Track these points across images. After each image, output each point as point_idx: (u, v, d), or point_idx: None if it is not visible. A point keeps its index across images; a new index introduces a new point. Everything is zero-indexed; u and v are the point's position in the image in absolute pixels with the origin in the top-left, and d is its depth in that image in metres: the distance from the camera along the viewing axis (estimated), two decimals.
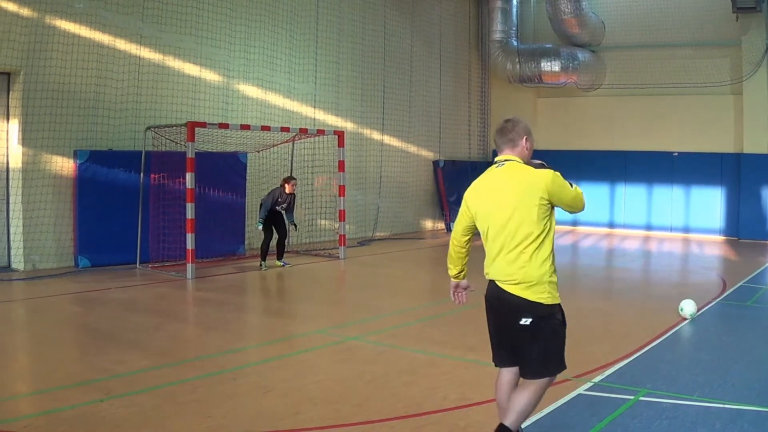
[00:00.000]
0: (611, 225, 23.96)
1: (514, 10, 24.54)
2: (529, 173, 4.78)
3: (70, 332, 9.58)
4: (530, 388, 4.80)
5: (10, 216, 13.47)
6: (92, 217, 13.97)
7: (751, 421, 5.89)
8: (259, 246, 14.91)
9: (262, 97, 17.78)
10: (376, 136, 21.35)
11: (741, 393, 6.65)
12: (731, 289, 12.72)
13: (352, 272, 15.01)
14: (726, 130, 22.11)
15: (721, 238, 21.98)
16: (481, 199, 4.92)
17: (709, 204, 22.40)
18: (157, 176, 14.45)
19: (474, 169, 24.76)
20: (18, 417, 5.96)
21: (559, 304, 4.79)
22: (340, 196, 16.46)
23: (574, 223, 24.28)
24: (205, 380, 7.02)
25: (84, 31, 14.10)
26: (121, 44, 14.73)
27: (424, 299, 12.65)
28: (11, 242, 13.57)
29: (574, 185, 4.84)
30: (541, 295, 4.68)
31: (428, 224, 23.87)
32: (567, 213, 5.02)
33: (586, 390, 6.73)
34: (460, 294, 5.28)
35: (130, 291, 12.13)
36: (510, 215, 4.72)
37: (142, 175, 14.31)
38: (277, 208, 14.57)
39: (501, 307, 4.82)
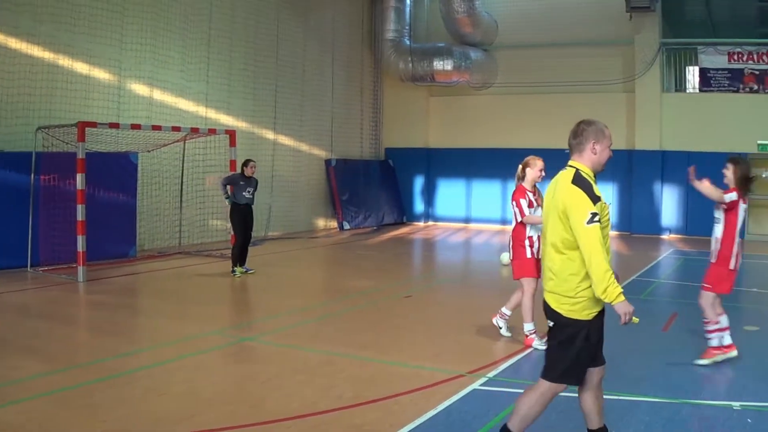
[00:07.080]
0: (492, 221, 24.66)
1: (408, 9, 24.92)
2: (563, 187, 4.80)
3: None
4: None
5: None
6: None
7: (647, 411, 6.33)
8: (230, 252, 14.39)
9: (155, 96, 17.62)
10: (268, 135, 21.41)
11: (633, 384, 7.00)
12: (624, 283, 12.99)
13: None
14: (618, 127, 22.47)
15: (614, 233, 22.71)
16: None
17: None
18: (47, 177, 14.17)
19: (366, 167, 25.07)
20: None
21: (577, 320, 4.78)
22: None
23: (468, 221, 24.94)
24: (100, 384, 7.04)
25: None
26: (12, 43, 14.38)
27: (318, 298, 12.81)
28: None
29: (594, 232, 4.56)
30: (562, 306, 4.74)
31: (321, 223, 24.15)
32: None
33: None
34: None
35: (21, 295, 11.95)
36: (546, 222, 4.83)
37: (32, 176, 14.02)
38: (245, 194, 13.99)
39: None
